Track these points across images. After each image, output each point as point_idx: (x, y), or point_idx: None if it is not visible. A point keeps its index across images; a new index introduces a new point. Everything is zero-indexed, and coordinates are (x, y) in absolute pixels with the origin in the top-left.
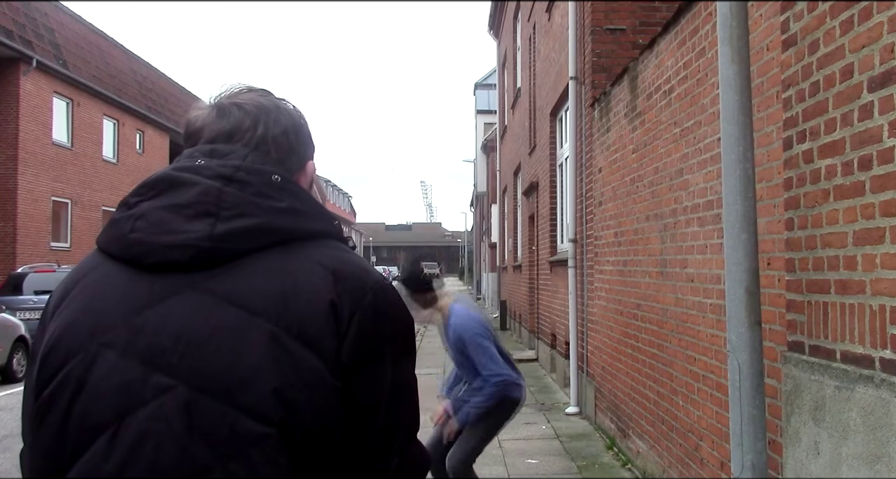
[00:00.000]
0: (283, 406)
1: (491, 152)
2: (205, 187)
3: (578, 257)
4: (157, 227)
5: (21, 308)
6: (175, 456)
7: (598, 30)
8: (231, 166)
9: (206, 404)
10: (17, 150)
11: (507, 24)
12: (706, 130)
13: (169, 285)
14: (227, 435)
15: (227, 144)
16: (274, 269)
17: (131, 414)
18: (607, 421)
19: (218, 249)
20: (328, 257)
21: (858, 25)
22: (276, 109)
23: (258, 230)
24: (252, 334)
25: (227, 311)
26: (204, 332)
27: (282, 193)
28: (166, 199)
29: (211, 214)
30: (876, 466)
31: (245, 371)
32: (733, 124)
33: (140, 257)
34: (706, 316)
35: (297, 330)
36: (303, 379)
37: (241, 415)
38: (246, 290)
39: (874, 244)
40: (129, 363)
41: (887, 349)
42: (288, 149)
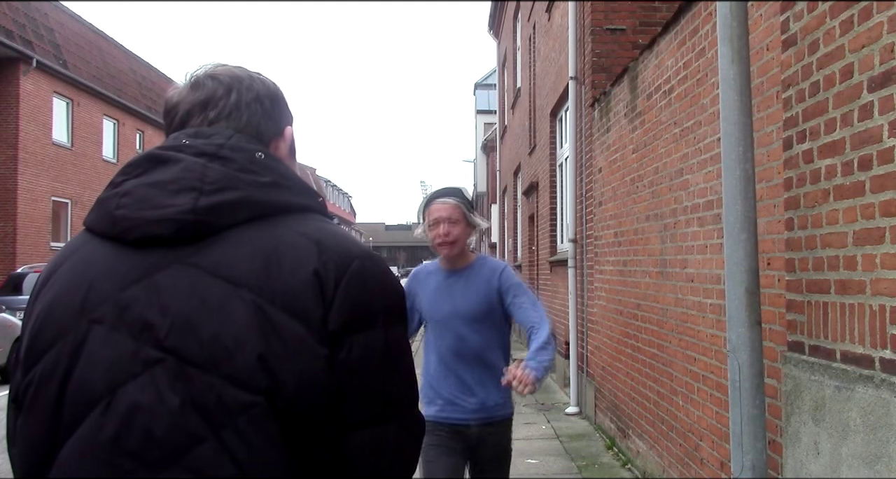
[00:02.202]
0: (269, 375)
1: (491, 152)
2: (188, 164)
3: (578, 257)
4: (142, 203)
5: (21, 308)
6: (167, 427)
7: (598, 30)
8: (215, 144)
9: (195, 375)
10: (17, 150)
11: (507, 24)
12: (706, 130)
13: (155, 261)
14: (216, 405)
15: (202, 113)
16: (258, 241)
17: (122, 387)
18: (607, 421)
19: (201, 222)
20: (312, 228)
21: (858, 25)
22: (248, 78)
23: (241, 203)
24: (236, 305)
25: (213, 284)
26: (190, 305)
27: (265, 168)
28: (151, 176)
29: (195, 188)
30: (876, 466)
31: (230, 342)
32: (733, 124)
33: (125, 232)
34: (706, 316)
35: (281, 300)
36: (287, 348)
37: (228, 385)
38: (230, 262)
39: (874, 244)
40: (119, 338)
41: (887, 349)
42: (262, 114)
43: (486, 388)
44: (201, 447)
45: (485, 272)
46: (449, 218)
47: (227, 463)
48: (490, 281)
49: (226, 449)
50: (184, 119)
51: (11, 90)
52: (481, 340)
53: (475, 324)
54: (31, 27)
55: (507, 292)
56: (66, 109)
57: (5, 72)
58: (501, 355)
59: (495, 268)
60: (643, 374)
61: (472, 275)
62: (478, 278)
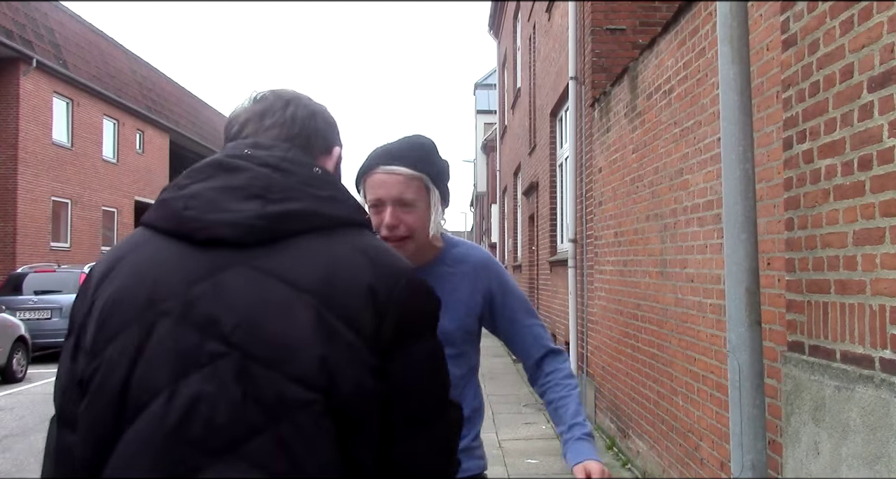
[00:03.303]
0: (328, 376)
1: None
2: (255, 172)
3: (578, 257)
4: (211, 205)
5: (21, 308)
6: (228, 416)
7: (598, 30)
8: (277, 157)
9: (257, 370)
10: (17, 150)
11: (507, 24)
12: (706, 130)
13: (221, 261)
14: (276, 399)
15: (259, 121)
16: (317, 251)
17: (187, 377)
18: (607, 421)
19: (269, 228)
20: (365, 243)
21: (858, 25)
22: (307, 99)
23: (305, 214)
24: (299, 308)
25: (276, 286)
26: (255, 304)
27: (324, 183)
28: (218, 181)
29: (260, 196)
30: (876, 466)
31: (293, 342)
32: (733, 124)
33: (194, 232)
34: (706, 316)
35: (339, 309)
36: (343, 354)
37: (289, 382)
38: (293, 268)
39: (874, 244)
40: (186, 331)
41: (887, 349)
42: (314, 130)
43: None
44: (259, 438)
45: (466, 270)
46: (398, 199)
47: (281, 455)
48: (475, 283)
49: (282, 441)
50: (242, 126)
51: (11, 90)
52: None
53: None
54: (31, 27)
55: (505, 302)
56: (66, 109)
57: (5, 72)
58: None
59: (482, 263)
60: (643, 374)
61: (447, 275)
62: (456, 279)
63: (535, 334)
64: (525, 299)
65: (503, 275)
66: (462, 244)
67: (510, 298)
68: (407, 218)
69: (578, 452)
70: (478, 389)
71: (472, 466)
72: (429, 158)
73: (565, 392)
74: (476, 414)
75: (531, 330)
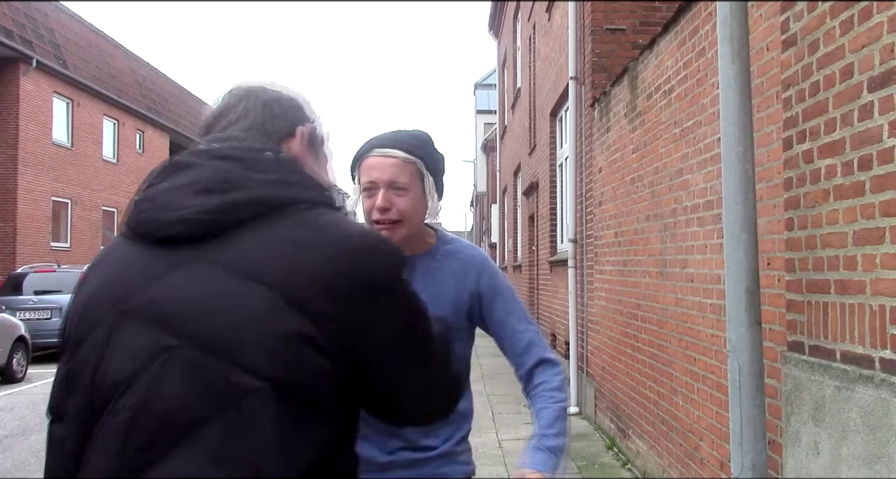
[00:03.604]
0: (275, 363)
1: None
2: (203, 167)
3: (578, 257)
4: (164, 205)
5: (21, 308)
6: (179, 408)
7: (598, 30)
8: (228, 146)
9: (207, 361)
10: (17, 150)
11: (507, 24)
12: (706, 130)
13: (179, 257)
14: (225, 388)
15: (220, 120)
16: (269, 237)
17: (144, 371)
18: (607, 421)
19: (215, 220)
20: (321, 223)
21: (858, 25)
22: (260, 89)
23: (250, 201)
24: (249, 297)
25: (227, 277)
26: (207, 297)
27: (273, 167)
28: (171, 181)
29: (208, 190)
30: (876, 466)
31: (241, 331)
32: (733, 124)
33: (151, 233)
34: (706, 316)
35: (290, 294)
36: (292, 338)
37: (237, 370)
38: (244, 257)
39: (874, 244)
40: (144, 328)
41: (887, 349)
42: (270, 116)
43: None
44: (210, 426)
45: (454, 266)
46: (391, 181)
47: (231, 442)
48: (463, 280)
49: (231, 429)
50: (209, 127)
51: (11, 90)
52: None
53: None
54: (31, 27)
55: (494, 303)
56: (66, 109)
57: (5, 72)
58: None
59: (471, 260)
60: (643, 374)
61: (434, 268)
62: (442, 274)
63: (527, 341)
64: (518, 302)
65: (494, 275)
66: (456, 241)
67: (500, 299)
68: (399, 202)
69: (529, 458)
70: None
71: (454, 471)
72: (424, 146)
73: (545, 404)
74: (461, 417)
75: (523, 336)
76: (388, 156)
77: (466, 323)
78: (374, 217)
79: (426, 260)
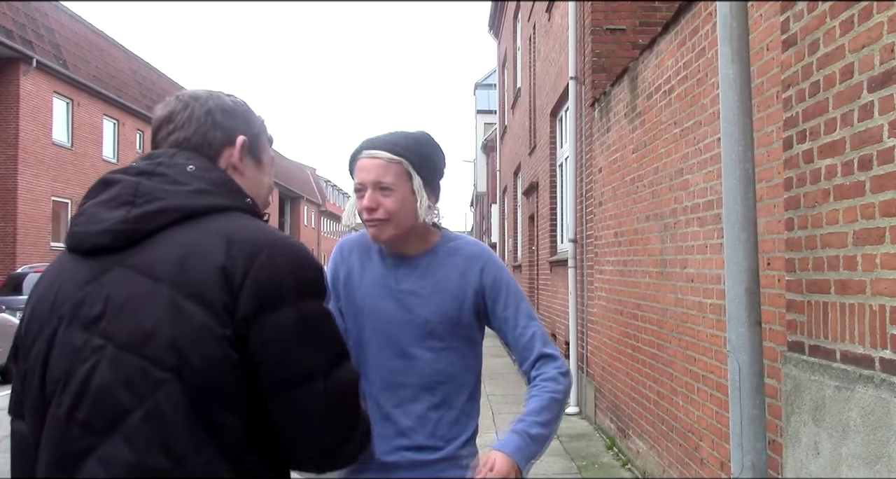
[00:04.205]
0: (178, 356)
1: (491, 152)
2: (126, 183)
3: (578, 257)
4: (91, 219)
5: (21, 308)
6: (105, 400)
7: (598, 30)
8: (154, 163)
9: (125, 357)
10: (17, 150)
11: (507, 24)
12: (706, 130)
13: (103, 265)
14: (141, 381)
15: (166, 127)
16: (178, 241)
17: (77, 370)
18: (607, 421)
19: (130, 230)
20: (228, 226)
21: (858, 25)
22: (207, 96)
23: (163, 210)
24: (155, 297)
25: (140, 280)
26: (125, 299)
27: (193, 179)
28: (99, 197)
29: (128, 202)
30: (876, 466)
31: (150, 327)
32: (733, 124)
33: (81, 244)
34: (706, 316)
35: (190, 291)
36: (193, 332)
37: (148, 364)
38: (153, 261)
39: (874, 244)
40: (76, 331)
41: (887, 349)
42: (211, 125)
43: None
44: (131, 416)
45: (457, 262)
46: (376, 182)
47: (149, 430)
48: (466, 276)
49: (148, 418)
50: (154, 133)
51: (11, 90)
52: (439, 365)
53: (433, 340)
54: (31, 27)
55: (497, 299)
56: (66, 109)
57: (5, 72)
58: (467, 391)
59: (475, 256)
60: (643, 374)
61: (436, 265)
62: (445, 270)
63: (529, 337)
64: (523, 298)
65: (499, 271)
66: (460, 239)
67: (504, 295)
68: (385, 201)
69: (502, 442)
70: (474, 393)
71: (456, 475)
72: (413, 145)
73: (537, 392)
74: (466, 416)
75: (526, 332)
76: (374, 157)
77: (474, 320)
78: (363, 217)
79: (429, 258)
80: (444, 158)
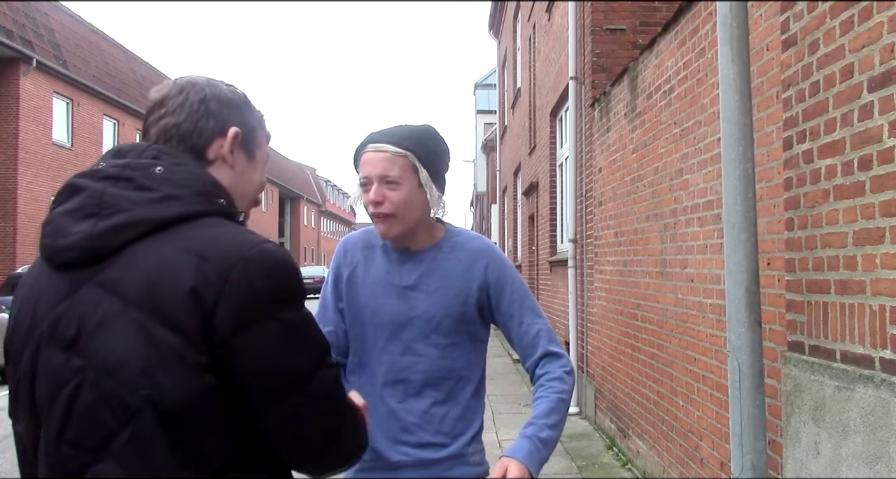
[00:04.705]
0: (150, 383)
1: (491, 152)
2: (91, 191)
3: (578, 257)
4: (58, 231)
5: None
6: (92, 421)
7: (598, 30)
8: (120, 165)
9: (104, 381)
10: (17, 150)
11: (507, 24)
12: (706, 130)
13: (75, 281)
14: (121, 405)
15: (158, 110)
16: (146, 258)
17: (61, 390)
18: (607, 421)
19: (98, 246)
20: (198, 240)
21: (858, 25)
22: (204, 83)
23: (128, 224)
24: (126, 320)
25: (111, 300)
26: (97, 322)
27: (161, 183)
28: (66, 205)
29: (93, 214)
30: (876, 466)
31: (123, 354)
32: (733, 124)
33: (50, 259)
34: (706, 316)
35: (161, 315)
36: (166, 359)
37: (124, 390)
38: (123, 280)
39: (874, 244)
40: (55, 351)
41: (887, 349)
42: (205, 113)
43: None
44: (119, 437)
45: (461, 257)
46: (382, 175)
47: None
48: (470, 271)
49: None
50: (146, 116)
51: (11, 90)
52: (444, 361)
53: (437, 336)
54: (31, 27)
55: (502, 295)
56: (66, 109)
57: (5, 72)
58: (472, 386)
59: (480, 251)
60: (643, 374)
61: (440, 259)
62: (449, 265)
63: (534, 333)
64: (528, 294)
65: (504, 266)
66: (465, 234)
67: (509, 290)
68: (391, 195)
69: (515, 448)
70: (479, 389)
71: (465, 472)
72: (419, 138)
73: (544, 393)
74: (471, 412)
75: (531, 328)
76: (380, 150)
77: (478, 316)
78: (370, 211)
79: (433, 253)
80: (449, 151)
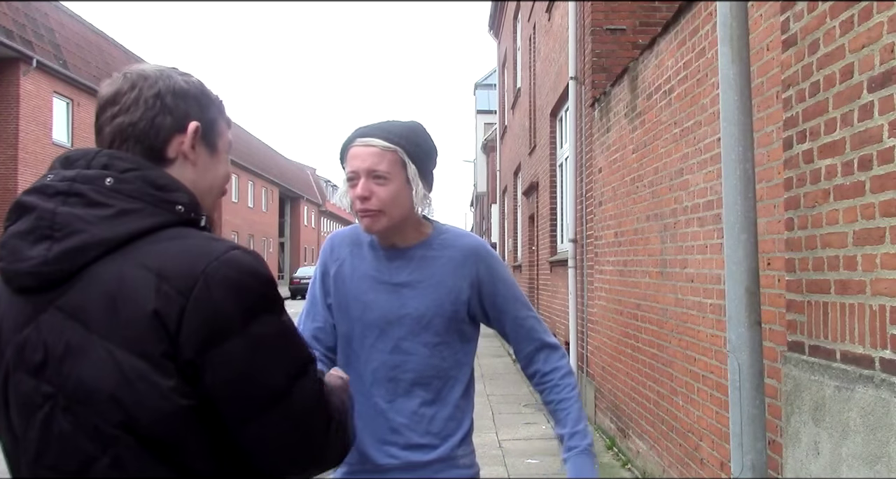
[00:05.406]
0: (122, 411)
1: (491, 152)
2: (41, 212)
3: (578, 257)
4: (14, 254)
5: None
6: (71, 448)
7: (598, 30)
8: (69, 179)
9: (78, 409)
10: (17, 150)
11: (507, 24)
12: (706, 130)
13: (37, 305)
14: (96, 432)
15: (110, 108)
16: (105, 280)
17: (33, 416)
18: (607, 421)
19: (56, 271)
20: (157, 255)
21: (858, 25)
22: (156, 76)
23: (86, 246)
24: (91, 347)
25: (73, 326)
26: (62, 349)
27: (113, 196)
28: (18, 225)
29: (47, 237)
30: (876, 466)
31: (90, 382)
32: (733, 124)
33: (8, 282)
34: (706, 316)
35: (125, 341)
36: (134, 385)
37: (98, 419)
38: (83, 306)
39: (874, 244)
40: (24, 376)
41: (887, 349)
42: (160, 109)
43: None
44: (99, 463)
45: (453, 254)
46: (370, 170)
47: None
48: (462, 268)
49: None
50: (98, 114)
51: (11, 90)
52: (433, 360)
53: (428, 334)
54: (31, 27)
55: (494, 289)
56: (66, 109)
57: (5, 72)
58: (461, 386)
59: (469, 249)
60: (643, 374)
61: (430, 257)
62: (440, 262)
63: (528, 327)
64: (518, 289)
65: (494, 263)
66: (452, 231)
67: (500, 286)
68: (379, 191)
69: (579, 467)
70: (468, 389)
71: (455, 475)
72: (407, 134)
73: (566, 394)
74: (460, 412)
75: (524, 322)
76: (369, 145)
77: (467, 315)
78: (356, 207)
79: (422, 250)
80: (436, 148)
